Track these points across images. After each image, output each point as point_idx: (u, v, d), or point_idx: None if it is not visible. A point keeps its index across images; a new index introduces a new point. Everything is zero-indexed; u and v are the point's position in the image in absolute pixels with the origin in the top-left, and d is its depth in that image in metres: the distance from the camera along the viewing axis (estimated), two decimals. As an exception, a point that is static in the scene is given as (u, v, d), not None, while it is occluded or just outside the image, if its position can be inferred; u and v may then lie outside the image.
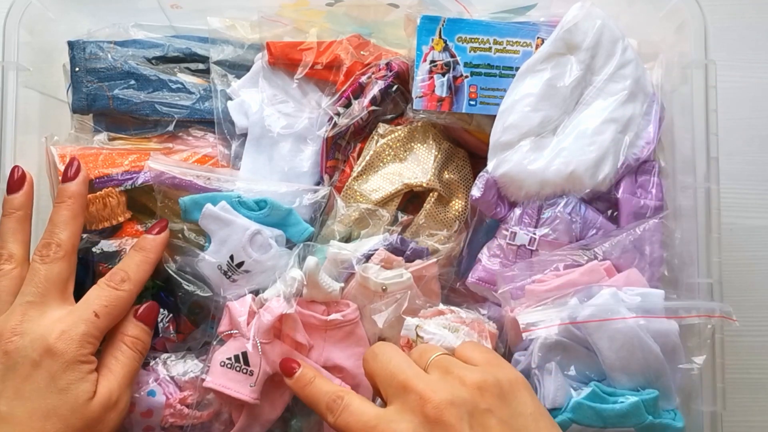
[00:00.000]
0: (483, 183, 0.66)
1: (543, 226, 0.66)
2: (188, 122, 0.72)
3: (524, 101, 0.66)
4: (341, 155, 0.71)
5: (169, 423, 0.62)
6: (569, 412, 0.58)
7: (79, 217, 0.62)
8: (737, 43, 0.84)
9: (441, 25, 0.68)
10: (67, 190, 0.62)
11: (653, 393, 0.58)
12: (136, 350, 0.60)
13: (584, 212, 0.66)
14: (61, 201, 0.62)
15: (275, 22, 0.73)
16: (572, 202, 0.66)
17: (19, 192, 0.62)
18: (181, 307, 0.67)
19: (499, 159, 0.66)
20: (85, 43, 0.72)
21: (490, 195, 0.66)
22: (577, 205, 0.66)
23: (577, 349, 0.60)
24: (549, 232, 0.65)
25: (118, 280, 0.60)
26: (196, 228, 0.67)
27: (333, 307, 0.64)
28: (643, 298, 0.60)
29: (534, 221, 0.66)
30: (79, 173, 0.63)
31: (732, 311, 0.61)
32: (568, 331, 0.60)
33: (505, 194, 0.67)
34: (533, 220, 0.66)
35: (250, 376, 0.61)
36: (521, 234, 0.65)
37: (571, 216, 0.65)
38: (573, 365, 0.60)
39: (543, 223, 0.66)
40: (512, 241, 0.66)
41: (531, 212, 0.66)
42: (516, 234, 0.65)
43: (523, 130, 0.66)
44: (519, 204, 0.67)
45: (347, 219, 0.68)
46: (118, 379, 0.58)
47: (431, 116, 0.69)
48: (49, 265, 0.58)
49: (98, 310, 0.58)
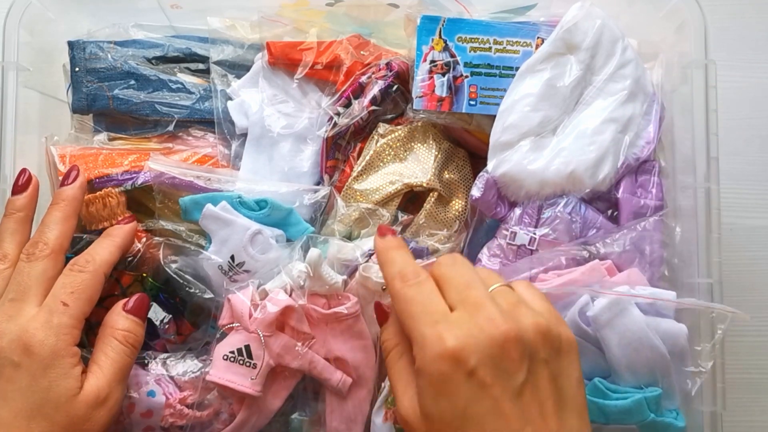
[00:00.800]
0: (483, 183, 0.66)
1: (543, 225, 0.66)
2: (188, 122, 0.72)
3: (524, 101, 0.66)
4: (341, 155, 0.71)
5: (169, 423, 0.62)
6: (571, 406, 0.58)
7: (70, 220, 0.61)
8: (737, 43, 0.84)
9: (441, 25, 0.68)
10: (62, 193, 0.62)
11: (656, 391, 0.58)
12: (127, 344, 0.59)
13: (584, 212, 0.66)
14: (55, 203, 0.62)
15: (275, 22, 0.73)
16: (572, 201, 0.66)
17: (23, 194, 0.62)
18: (181, 309, 0.67)
19: (499, 159, 0.66)
20: (85, 43, 0.72)
21: (490, 195, 0.66)
22: (577, 204, 0.66)
23: (584, 345, 0.60)
24: (549, 232, 0.65)
25: (82, 263, 0.59)
26: (197, 228, 0.67)
27: (334, 300, 0.64)
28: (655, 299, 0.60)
29: (534, 221, 0.66)
30: (77, 179, 0.63)
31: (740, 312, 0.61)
32: (578, 328, 0.60)
33: (505, 194, 0.67)
34: (533, 219, 0.66)
35: (253, 368, 0.61)
36: (521, 234, 0.65)
37: (572, 216, 0.65)
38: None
39: (543, 222, 0.66)
40: (512, 241, 0.66)
41: (531, 212, 0.66)
42: (516, 234, 0.65)
43: (523, 130, 0.66)
44: (519, 204, 0.67)
45: (347, 219, 0.68)
46: (107, 375, 0.56)
47: (431, 116, 0.69)
48: (33, 263, 0.58)
49: (65, 298, 0.57)
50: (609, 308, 0.58)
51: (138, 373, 0.62)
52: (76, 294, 0.57)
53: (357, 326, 0.64)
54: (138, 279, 0.66)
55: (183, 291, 0.66)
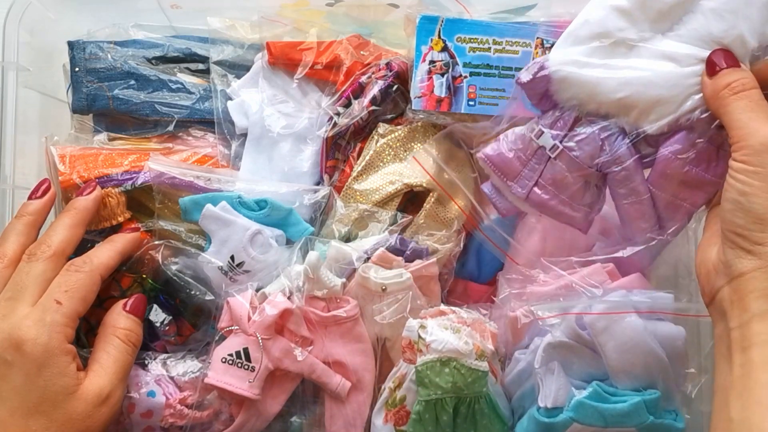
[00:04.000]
0: (536, 69, 0.59)
1: (572, 140, 0.59)
2: (188, 122, 0.73)
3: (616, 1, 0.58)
4: (341, 155, 0.71)
5: (169, 423, 0.62)
6: (571, 410, 0.58)
7: (78, 227, 0.62)
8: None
9: (440, 25, 0.68)
10: (75, 202, 0.63)
11: (655, 393, 0.58)
12: (129, 343, 0.60)
13: (618, 144, 0.59)
14: (67, 210, 0.63)
15: (275, 22, 0.73)
16: (612, 128, 0.59)
17: (37, 200, 0.63)
18: (182, 310, 0.67)
19: (564, 51, 0.59)
20: (85, 43, 0.72)
21: (539, 86, 0.60)
22: (614, 134, 0.59)
23: (582, 350, 0.60)
24: (574, 147, 0.59)
25: (79, 263, 0.60)
26: (196, 228, 0.67)
27: (333, 303, 0.64)
28: (653, 301, 0.59)
29: (566, 130, 0.60)
30: (93, 192, 0.64)
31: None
32: (574, 333, 0.59)
33: (552, 91, 0.60)
34: (566, 129, 0.60)
35: (251, 372, 0.61)
36: (547, 135, 0.60)
37: (603, 142, 0.59)
38: (576, 366, 0.60)
39: (573, 137, 0.59)
40: (536, 138, 0.60)
41: (567, 120, 0.60)
42: (543, 133, 0.60)
43: (602, 29, 0.58)
44: (560, 107, 0.60)
45: (346, 219, 0.68)
46: (109, 373, 0.57)
47: (430, 117, 0.69)
48: (33, 263, 0.58)
49: (59, 296, 0.57)
50: (605, 315, 0.58)
51: (138, 373, 0.63)
52: (70, 293, 0.57)
53: (356, 329, 0.64)
54: (137, 280, 0.66)
55: (183, 292, 0.66)
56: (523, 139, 0.61)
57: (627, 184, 0.59)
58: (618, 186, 0.60)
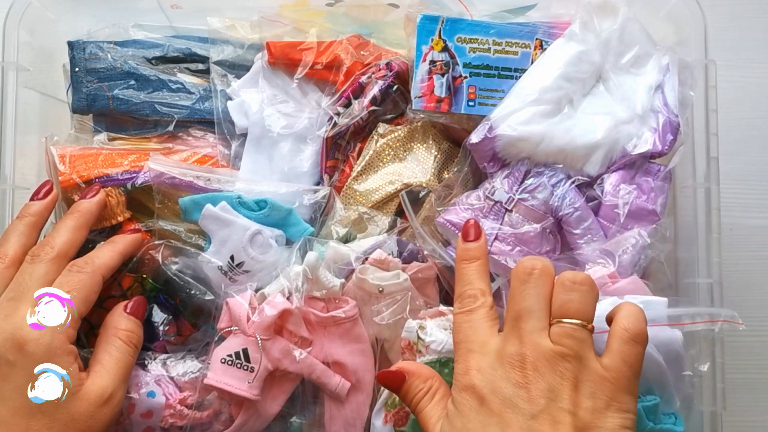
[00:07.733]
0: (484, 131, 0.65)
1: (525, 191, 0.65)
2: (188, 122, 0.72)
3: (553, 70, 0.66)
4: (341, 155, 0.71)
5: (169, 423, 0.62)
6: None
7: (81, 230, 0.62)
8: (737, 43, 0.84)
9: (440, 25, 0.68)
10: (79, 205, 0.64)
11: (654, 400, 0.58)
12: (130, 344, 0.60)
13: (567, 189, 0.65)
14: (71, 212, 0.63)
15: (275, 22, 0.73)
16: (559, 176, 0.66)
17: (39, 201, 0.63)
18: (182, 310, 0.67)
19: (509, 113, 0.65)
20: (85, 43, 0.72)
21: (487, 146, 0.66)
22: (563, 180, 0.66)
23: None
24: (528, 197, 0.65)
25: (80, 264, 0.60)
26: (196, 228, 0.67)
27: (332, 303, 0.64)
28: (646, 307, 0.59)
29: (518, 183, 0.66)
30: (96, 196, 0.65)
31: (737, 315, 0.60)
32: None
33: (499, 151, 0.66)
34: (517, 182, 0.66)
35: (250, 372, 0.61)
36: (501, 191, 0.66)
37: (554, 189, 0.65)
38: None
39: (526, 188, 0.66)
40: (491, 195, 0.66)
41: (518, 174, 0.66)
42: (496, 190, 0.66)
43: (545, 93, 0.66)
44: (509, 165, 0.67)
45: (345, 220, 0.68)
46: (111, 374, 0.58)
47: (431, 116, 0.69)
48: (36, 264, 0.59)
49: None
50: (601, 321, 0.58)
51: (138, 373, 0.63)
52: (71, 294, 0.58)
53: (355, 330, 0.64)
54: (138, 280, 0.66)
55: (183, 292, 0.66)
56: (478, 198, 0.66)
57: (581, 224, 0.65)
58: (573, 227, 0.65)
